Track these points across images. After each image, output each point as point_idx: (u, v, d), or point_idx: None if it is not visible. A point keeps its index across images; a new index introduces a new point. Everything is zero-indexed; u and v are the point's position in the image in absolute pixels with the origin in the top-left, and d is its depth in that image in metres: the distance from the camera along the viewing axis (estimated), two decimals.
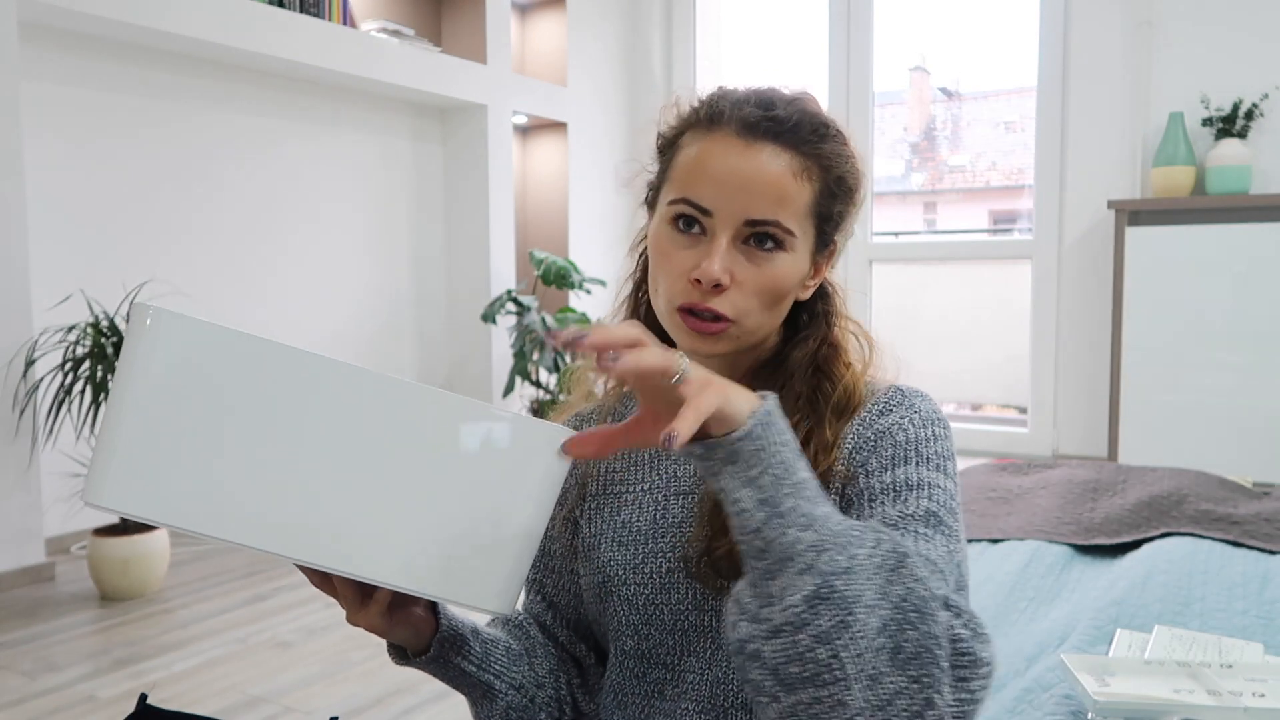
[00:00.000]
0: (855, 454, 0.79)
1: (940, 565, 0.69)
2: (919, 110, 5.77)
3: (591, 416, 0.94)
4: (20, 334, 2.79)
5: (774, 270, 0.77)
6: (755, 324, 0.79)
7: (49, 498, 2.98)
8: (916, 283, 4.73)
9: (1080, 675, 1.13)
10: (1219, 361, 3.69)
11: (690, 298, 0.77)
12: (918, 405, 0.81)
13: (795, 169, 0.77)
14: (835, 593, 0.60)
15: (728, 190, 0.76)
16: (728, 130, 0.77)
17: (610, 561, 0.84)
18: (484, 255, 4.49)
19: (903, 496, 0.74)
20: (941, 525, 0.73)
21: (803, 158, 0.77)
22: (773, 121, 0.76)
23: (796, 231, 0.77)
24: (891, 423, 0.80)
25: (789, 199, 0.76)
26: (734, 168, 0.76)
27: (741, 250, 0.77)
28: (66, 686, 2.13)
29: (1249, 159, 3.72)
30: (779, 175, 0.76)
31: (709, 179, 0.76)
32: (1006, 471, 2.47)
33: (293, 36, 3.53)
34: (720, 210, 0.76)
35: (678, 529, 0.83)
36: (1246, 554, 1.75)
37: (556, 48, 4.89)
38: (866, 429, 0.80)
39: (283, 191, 3.84)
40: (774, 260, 0.77)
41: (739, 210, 0.76)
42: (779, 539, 0.61)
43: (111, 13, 2.98)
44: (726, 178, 0.76)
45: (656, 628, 0.82)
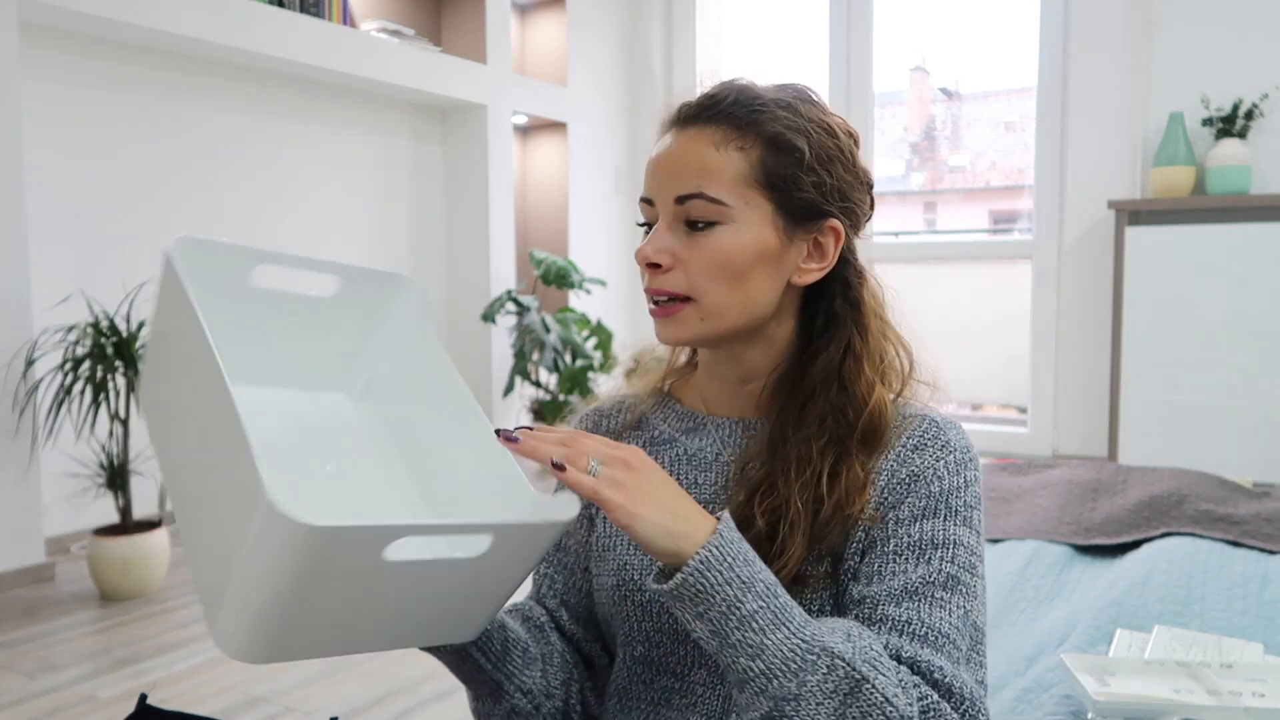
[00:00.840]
0: (887, 493, 0.77)
1: (952, 637, 0.71)
2: (919, 110, 5.76)
3: (611, 413, 0.93)
4: (20, 334, 2.79)
5: (715, 244, 0.77)
6: (719, 302, 0.78)
7: (49, 498, 2.98)
8: (916, 283, 4.73)
9: (1080, 675, 1.13)
10: (1219, 361, 3.69)
11: (648, 284, 0.80)
12: (953, 443, 0.80)
13: (718, 140, 0.77)
14: (785, 717, 0.63)
15: (659, 175, 0.79)
16: (672, 126, 0.81)
17: (627, 565, 0.83)
18: (484, 255, 4.49)
19: (926, 556, 0.74)
20: (959, 587, 0.74)
21: (728, 129, 0.78)
22: (703, 104, 0.79)
23: (729, 200, 0.77)
24: (925, 464, 0.78)
25: (711, 170, 0.77)
26: (664, 153, 0.79)
27: (683, 232, 0.78)
28: (66, 686, 2.13)
29: (1249, 159, 3.72)
30: (699, 149, 0.77)
31: (650, 171, 0.80)
32: (1006, 471, 2.47)
33: (293, 36, 3.53)
34: (657, 197, 0.79)
35: None
36: (1246, 554, 1.75)
37: (556, 48, 4.89)
38: (900, 467, 0.78)
39: (282, 191, 3.84)
40: (712, 235, 0.77)
41: (668, 190, 0.78)
42: (732, 665, 0.65)
43: (111, 12, 2.98)
44: (658, 164, 0.79)
45: (669, 636, 0.81)
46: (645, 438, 0.89)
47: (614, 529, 0.85)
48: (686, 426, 0.88)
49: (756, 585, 0.65)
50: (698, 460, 0.85)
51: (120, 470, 2.73)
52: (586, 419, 0.95)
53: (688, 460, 0.86)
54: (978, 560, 0.76)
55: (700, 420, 0.87)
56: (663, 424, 0.89)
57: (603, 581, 0.85)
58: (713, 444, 0.85)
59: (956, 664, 0.70)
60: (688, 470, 0.85)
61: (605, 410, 0.94)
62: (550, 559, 0.91)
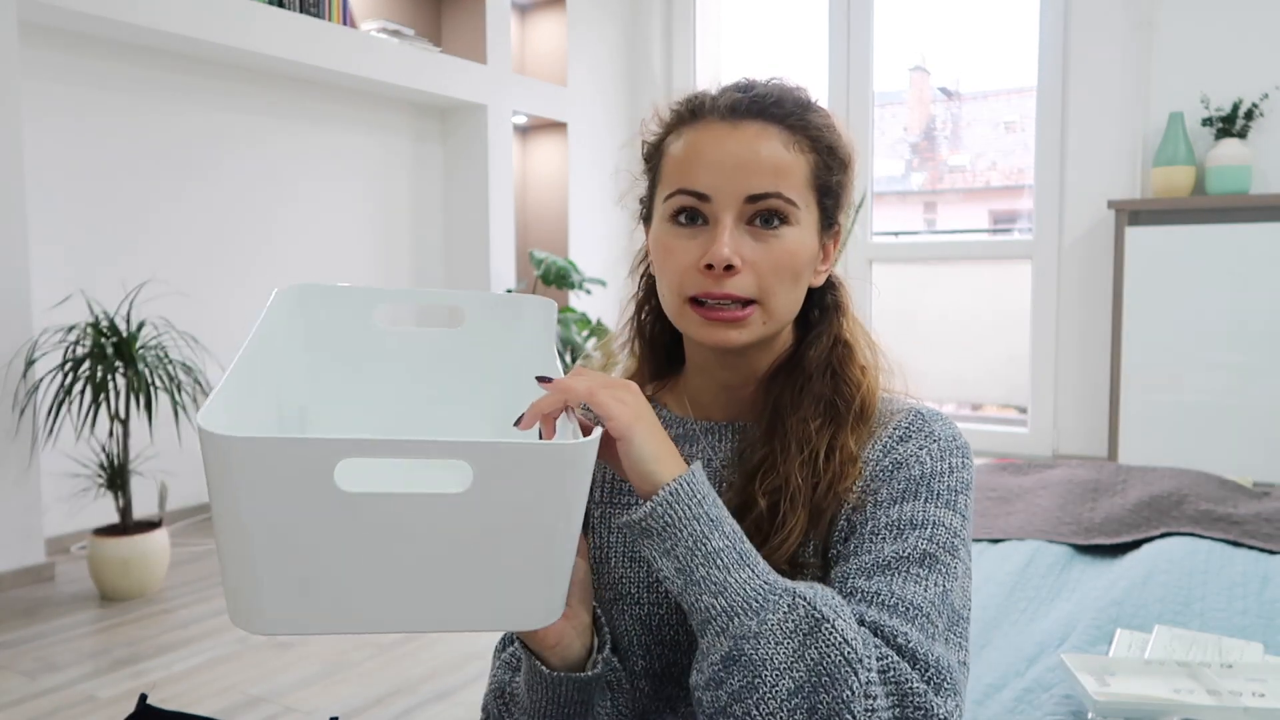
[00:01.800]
0: (871, 481, 0.78)
1: (925, 610, 0.70)
2: (919, 110, 5.76)
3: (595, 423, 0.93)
4: (20, 334, 2.79)
5: (785, 245, 0.76)
6: (780, 305, 0.78)
7: (49, 498, 2.98)
8: (916, 283, 4.73)
9: (1080, 675, 1.13)
10: (1219, 361, 3.69)
11: (702, 286, 0.76)
12: (937, 432, 0.80)
13: (786, 141, 0.76)
14: (744, 655, 0.63)
15: (724, 170, 0.75)
16: (711, 118, 0.77)
17: (622, 577, 0.82)
18: (484, 255, 4.49)
19: (903, 535, 0.74)
20: (937, 565, 0.72)
21: (791, 130, 0.77)
22: (755, 99, 0.77)
23: (799, 203, 0.76)
24: (909, 452, 0.78)
25: (786, 170, 0.76)
26: (726, 148, 0.76)
27: (747, 231, 0.76)
28: (66, 686, 2.13)
29: (1249, 159, 3.72)
30: (772, 148, 0.76)
31: (702, 164, 0.76)
32: (1006, 471, 2.47)
33: (293, 36, 3.53)
34: (719, 192, 0.75)
35: None
36: (1246, 554, 1.75)
37: (556, 48, 4.89)
38: (884, 456, 0.79)
39: (283, 191, 3.84)
40: (782, 236, 0.76)
41: (739, 188, 0.75)
42: (695, 604, 0.65)
43: (111, 13, 2.98)
44: (721, 159, 0.75)
45: (670, 648, 0.81)
46: None
47: (605, 539, 0.85)
48: (676, 434, 0.86)
49: (724, 525, 0.66)
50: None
51: (120, 470, 2.73)
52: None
53: None
54: (960, 543, 0.75)
55: (690, 426, 0.86)
56: None
57: (599, 595, 0.84)
58: (704, 450, 0.85)
59: (930, 637, 0.68)
60: None
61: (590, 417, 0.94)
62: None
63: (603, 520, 0.86)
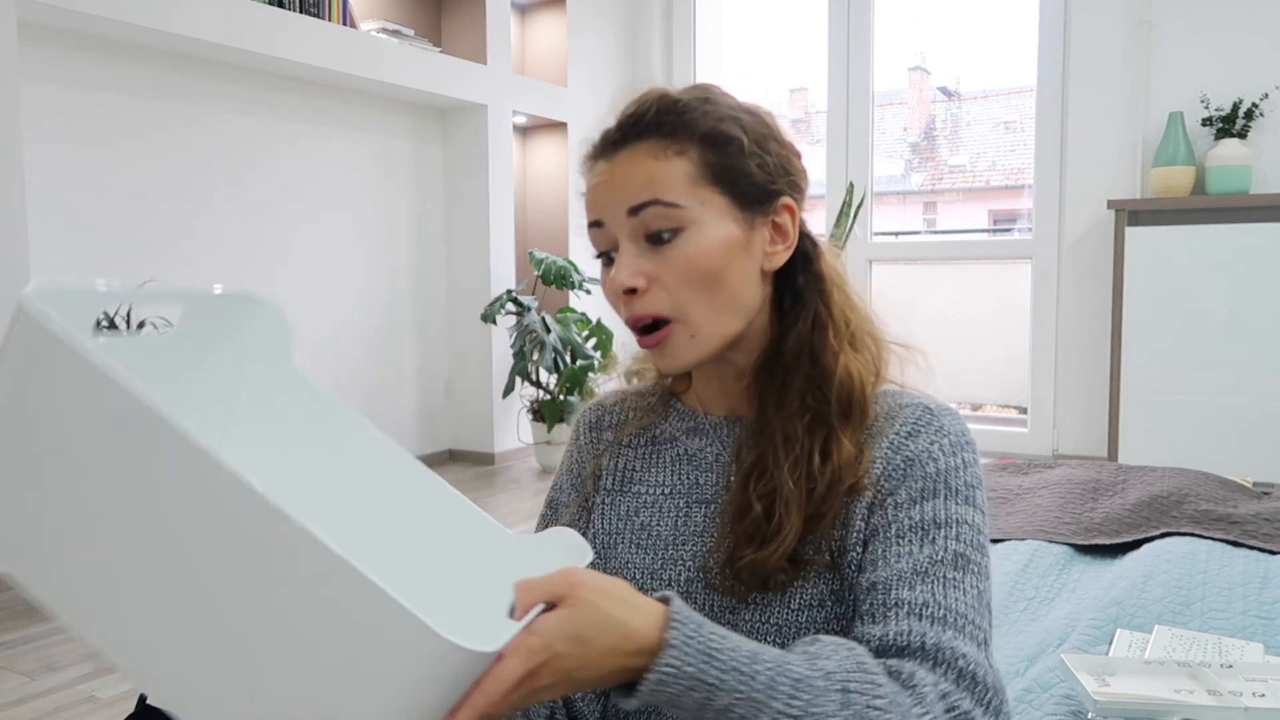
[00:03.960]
0: (884, 480, 0.76)
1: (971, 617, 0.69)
2: (919, 110, 5.77)
3: (611, 408, 0.93)
4: None
5: (683, 252, 0.75)
6: (703, 316, 0.76)
7: None
8: (916, 283, 4.73)
9: (1080, 675, 1.13)
10: (1219, 361, 3.69)
11: (623, 312, 0.78)
12: (946, 427, 0.78)
13: (655, 151, 0.76)
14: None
15: (603, 196, 0.78)
16: (595, 157, 0.81)
17: (628, 564, 0.83)
18: (484, 255, 4.49)
19: (930, 536, 0.73)
20: (970, 565, 0.72)
21: (659, 139, 0.77)
22: (627, 128, 0.79)
23: (684, 202, 0.75)
24: (920, 449, 0.77)
25: (658, 177, 0.76)
26: (601, 185, 0.78)
27: (648, 248, 0.76)
28: (66, 686, 2.13)
29: (1249, 159, 3.72)
30: (640, 164, 0.76)
31: (591, 199, 0.79)
32: (1006, 471, 2.47)
33: (293, 36, 3.53)
34: (605, 215, 0.78)
35: (699, 538, 0.81)
36: (1246, 554, 1.75)
37: (556, 48, 4.89)
38: (895, 454, 0.77)
39: (282, 191, 3.84)
40: (678, 243, 0.75)
41: (618, 205, 0.76)
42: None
43: (111, 13, 2.98)
44: (598, 187, 0.78)
45: None
46: (648, 435, 0.89)
47: (613, 525, 0.85)
48: (688, 426, 0.87)
49: (726, 682, 0.59)
50: (698, 461, 0.85)
51: None
52: (588, 413, 0.95)
53: (688, 460, 0.86)
54: (984, 539, 0.75)
55: (699, 420, 0.87)
56: (665, 422, 0.89)
57: None
58: (712, 444, 0.85)
59: (980, 646, 0.68)
60: (689, 471, 0.85)
61: (607, 405, 0.94)
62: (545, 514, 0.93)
63: (612, 507, 0.86)
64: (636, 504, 0.85)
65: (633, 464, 0.88)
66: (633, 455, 0.88)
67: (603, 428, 0.92)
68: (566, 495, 0.92)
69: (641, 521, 0.84)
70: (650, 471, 0.87)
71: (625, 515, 0.85)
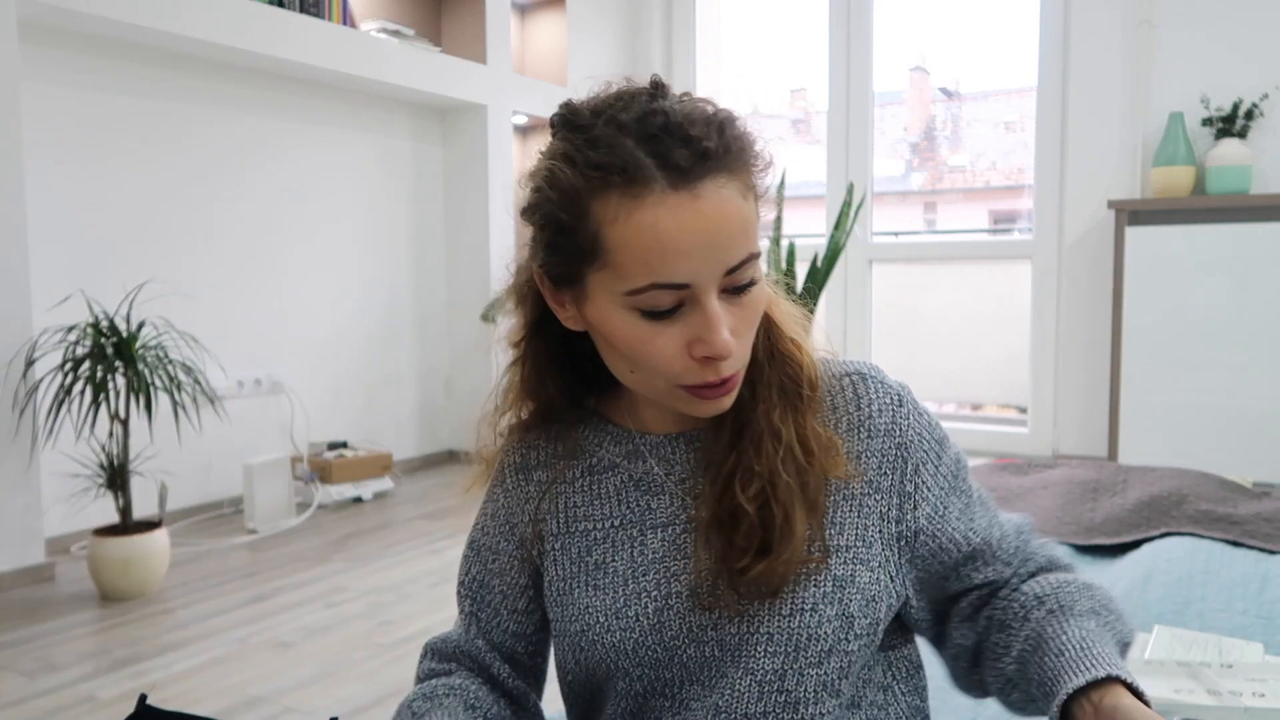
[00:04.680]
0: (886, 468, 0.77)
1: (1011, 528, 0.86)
2: (919, 110, 5.77)
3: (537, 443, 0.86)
4: (20, 334, 2.79)
5: (755, 303, 0.72)
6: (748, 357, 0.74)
7: (49, 498, 2.98)
8: (916, 283, 4.73)
9: None
10: (1219, 361, 3.69)
11: (701, 377, 0.70)
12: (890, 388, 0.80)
13: (740, 188, 0.68)
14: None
15: (699, 251, 0.66)
16: (659, 188, 0.65)
17: (588, 609, 0.78)
18: (484, 255, 4.49)
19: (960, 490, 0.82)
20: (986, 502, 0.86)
21: (737, 172, 0.69)
22: (700, 153, 0.66)
23: (759, 248, 0.71)
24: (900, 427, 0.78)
25: (749, 224, 0.69)
26: (695, 224, 0.65)
27: (724, 300, 0.69)
28: (66, 686, 2.13)
29: (1249, 159, 3.72)
30: (733, 206, 0.67)
31: (673, 251, 0.65)
32: (1006, 471, 2.47)
33: (293, 36, 3.53)
34: (698, 276, 0.67)
35: (660, 565, 0.77)
36: (1246, 554, 1.75)
37: (556, 48, 4.89)
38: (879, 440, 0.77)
39: (282, 191, 3.84)
40: (753, 294, 0.71)
41: (717, 266, 0.67)
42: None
43: (111, 13, 2.98)
44: (694, 242, 0.66)
45: (650, 667, 0.77)
46: (583, 465, 0.83)
47: (566, 570, 0.81)
48: (626, 450, 0.81)
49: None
50: (646, 484, 0.80)
51: (120, 470, 2.73)
52: (511, 454, 0.87)
53: (635, 485, 0.80)
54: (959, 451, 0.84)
55: (637, 442, 0.81)
56: (599, 448, 0.83)
57: (564, 628, 0.80)
58: (658, 463, 0.80)
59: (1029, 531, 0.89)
60: (638, 496, 0.80)
61: (530, 442, 0.86)
62: (476, 595, 0.86)
63: (564, 551, 0.81)
64: (586, 543, 0.80)
65: (573, 500, 0.82)
66: (571, 491, 0.82)
67: (530, 467, 0.85)
68: (496, 542, 0.86)
69: (595, 560, 0.79)
70: (594, 505, 0.81)
71: (576, 557, 0.80)
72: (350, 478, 3.79)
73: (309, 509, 3.62)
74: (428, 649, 0.88)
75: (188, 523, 3.46)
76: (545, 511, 0.83)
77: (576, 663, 0.80)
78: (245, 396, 3.68)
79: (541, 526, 0.83)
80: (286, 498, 3.49)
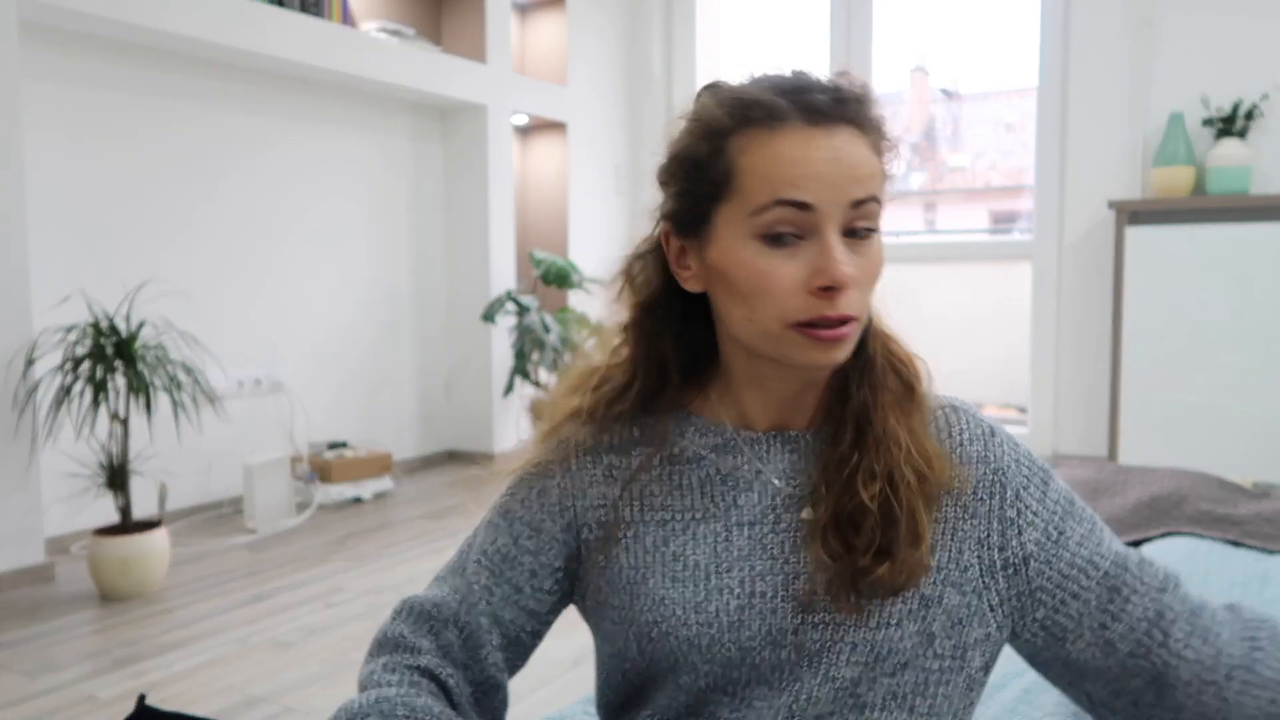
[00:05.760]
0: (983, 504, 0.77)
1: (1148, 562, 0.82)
2: (919, 110, 5.77)
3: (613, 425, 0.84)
4: (20, 334, 2.79)
5: (875, 254, 0.74)
6: (866, 314, 0.76)
7: (49, 498, 2.98)
8: (916, 283, 4.73)
9: None
10: (1219, 361, 3.69)
11: (816, 310, 0.70)
12: (987, 426, 0.81)
13: (872, 146, 0.73)
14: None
15: (826, 177, 0.69)
16: (794, 122, 0.70)
17: (664, 599, 0.76)
18: (484, 255, 4.49)
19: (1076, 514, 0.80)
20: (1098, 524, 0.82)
21: (869, 133, 0.73)
22: (838, 102, 0.71)
23: (883, 206, 0.74)
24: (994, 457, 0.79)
25: (876, 175, 0.73)
26: (823, 153, 0.70)
27: (845, 243, 0.72)
28: (66, 686, 2.13)
29: (1249, 159, 3.72)
30: (864, 154, 0.72)
31: (800, 172, 0.69)
32: None
33: (293, 36, 3.53)
34: (823, 200, 0.69)
35: (744, 561, 0.76)
36: (1246, 554, 1.75)
37: (556, 48, 4.89)
38: (978, 466, 0.78)
39: (282, 191, 3.84)
40: (872, 244, 0.74)
41: (843, 195, 0.70)
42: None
43: (111, 12, 2.98)
44: (820, 164, 0.69)
45: (720, 664, 0.75)
46: (664, 454, 0.81)
47: (640, 559, 0.78)
48: (714, 443, 0.80)
49: None
50: (734, 479, 0.79)
51: (120, 470, 2.73)
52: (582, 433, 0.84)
53: (722, 480, 0.79)
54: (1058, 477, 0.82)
55: (728, 435, 0.80)
56: (681, 438, 0.81)
57: (633, 617, 0.78)
58: (750, 461, 0.79)
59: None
60: (724, 491, 0.79)
61: (605, 424, 0.84)
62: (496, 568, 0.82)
63: (637, 539, 0.79)
64: (664, 533, 0.78)
65: (651, 490, 0.80)
66: (648, 479, 0.80)
67: (601, 450, 0.83)
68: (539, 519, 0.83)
69: (673, 551, 0.78)
70: (674, 496, 0.79)
71: (652, 547, 0.78)
72: (350, 478, 3.79)
73: (309, 509, 3.62)
74: (405, 608, 0.81)
75: (188, 523, 3.46)
76: (617, 498, 0.81)
77: (640, 652, 0.78)
78: (245, 396, 3.68)
79: (611, 513, 0.81)
80: (286, 498, 3.49)
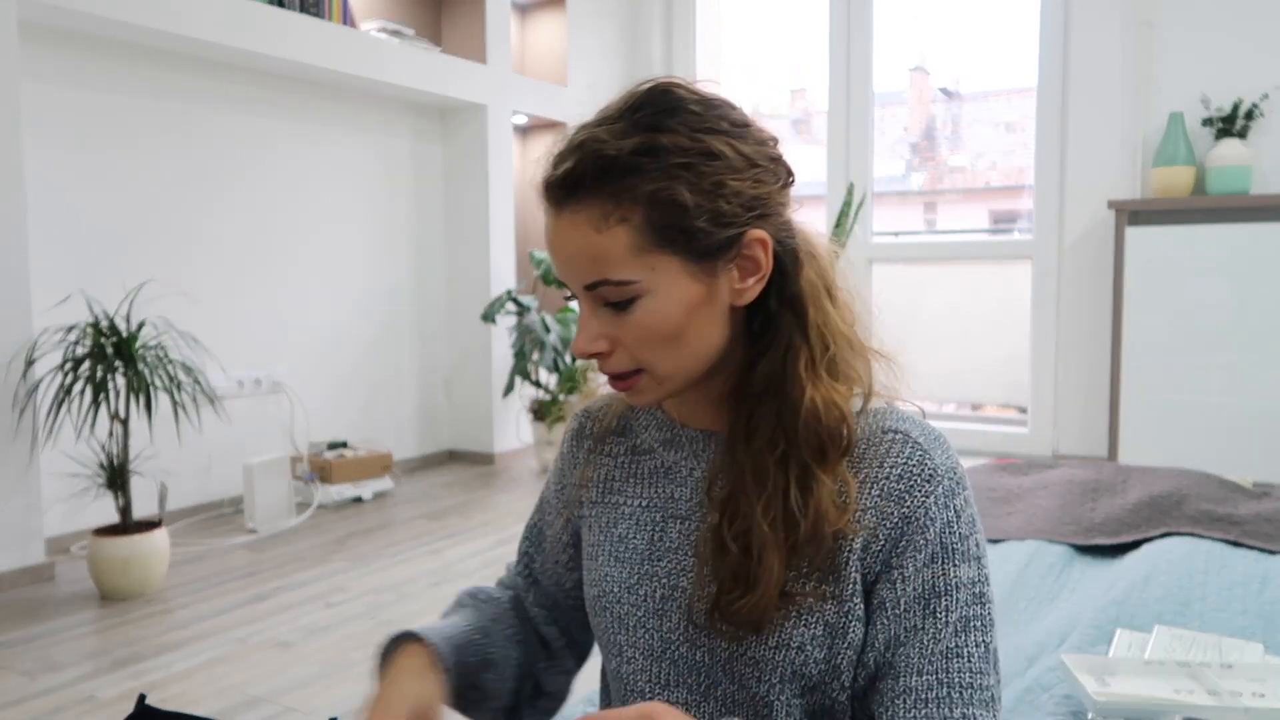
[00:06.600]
0: (880, 536, 0.73)
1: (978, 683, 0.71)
2: (919, 110, 5.77)
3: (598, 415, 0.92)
4: (20, 334, 2.79)
5: (641, 320, 0.72)
6: (669, 366, 0.74)
7: (49, 498, 2.98)
8: (916, 283, 4.73)
9: (1080, 675, 1.13)
10: (1219, 361, 3.69)
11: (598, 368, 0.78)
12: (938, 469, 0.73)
13: (596, 221, 0.70)
14: None
15: (558, 263, 0.74)
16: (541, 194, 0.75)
17: (607, 576, 0.82)
18: (484, 255, 4.49)
19: (933, 609, 0.72)
20: (974, 624, 0.72)
21: (602, 204, 0.70)
22: (567, 186, 0.71)
23: (633, 276, 0.70)
24: (915, 506, 0.72)
25: (602, 254, 0.70)
26: (553, 243, 0.74)
27: (608, 312, 0.73)
28: (66, 686, 2.13)
29: (1249, 159, 3.72)
30: (583, 236, 0.70)
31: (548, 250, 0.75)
32: (1006, 471, 2.47)
33: (293, 36, 3.53)
34: (568, 284, 0.75)
35: (674, 554, 0.79)
36: (1246, 554, 1.75)
37: (556, 48, 4.89)
38: (890, 505, 0.73)
39: (282, 191, 3.84)
40: (634, 312, 0.72)
41: (573, 281, 0.74)
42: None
43: (112, 13, 2.98)
44: (552, 250, 0.74)
45: (642, 653, 0.79)
46: (628, 444, 0.88)
47: (597, 538, 0.85)
48: (665, 437, 0.85)
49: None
50: (674, 474, 0.83)
51: (120, 470, 2.73)
52: (573, 421, 0.95)
53: (664, 473, 0.83)
54: (985, 587, 0.74)
55: (676, 432, 0.84)
56: (644, 431, 0.87)
57: (588, 590, 0.85)
58: (687, 458, 0.82)
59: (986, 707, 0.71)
60: (664, 484, 0.83)
61: (594, 412, 0.93)
62: (534, 538, 0.95)
63: (595, 520, 0.86)
64: (615, 515, 0.85)
65: (613, 474, 0.87)
66: (613, 465, 0.87)
67: (584, 435, 0.92)
68: (552, 497, 0.94)
69: (620, 533, 0.83)
70: (629, 483, 0.85)
71: (605, 526, 0.85)
72: (350, 478, 3.79)
73: (309, 509, 3.62)
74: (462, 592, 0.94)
75: (188, 523, 3.46)
76: (589, 477, 0.89)
77: (594, 625, 0.86)
78: (245, 396, 3.68)
79: (582, 493, 0.89)
80: (286, 498, 3.49)
